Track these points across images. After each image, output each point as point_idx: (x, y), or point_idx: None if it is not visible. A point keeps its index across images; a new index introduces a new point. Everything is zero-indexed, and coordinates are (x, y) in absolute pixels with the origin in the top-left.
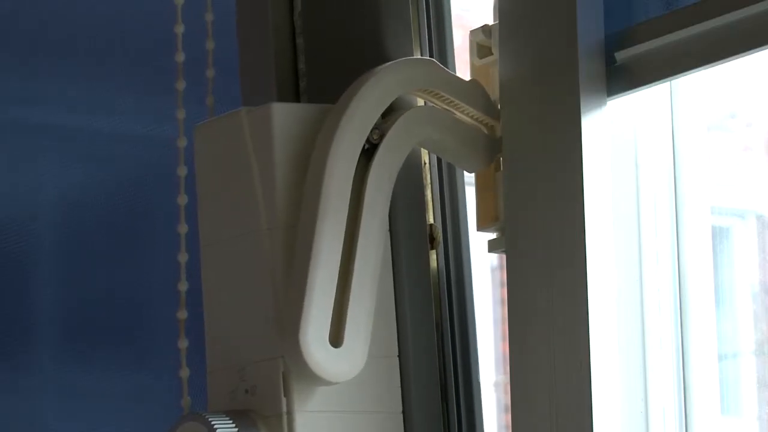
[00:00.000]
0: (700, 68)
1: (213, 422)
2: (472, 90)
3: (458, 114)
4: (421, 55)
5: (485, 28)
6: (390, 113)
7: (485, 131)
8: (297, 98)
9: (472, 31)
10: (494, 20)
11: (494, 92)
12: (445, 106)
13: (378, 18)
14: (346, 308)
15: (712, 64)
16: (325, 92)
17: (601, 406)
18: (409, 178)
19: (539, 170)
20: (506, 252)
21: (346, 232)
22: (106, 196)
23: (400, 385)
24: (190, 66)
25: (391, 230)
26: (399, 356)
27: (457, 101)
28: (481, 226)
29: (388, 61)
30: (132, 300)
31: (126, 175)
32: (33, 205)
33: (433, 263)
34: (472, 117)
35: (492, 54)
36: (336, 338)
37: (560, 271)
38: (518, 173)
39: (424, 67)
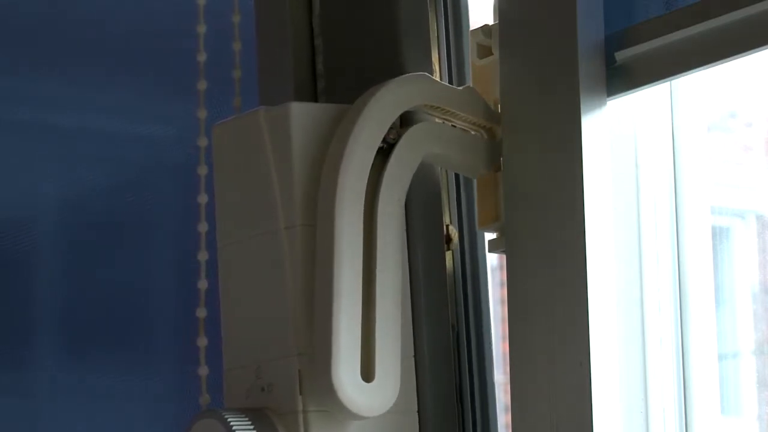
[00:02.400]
0: (700, 68)
1: (229, 419)
2: (468, 97)
3: (458, 123)
4: (439, 59)
5: (485, 28)
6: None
7: (485, 136)
8: (315, 99)
9: (472, 31)
10: (494, 20)
11: (494, 92)
12: (446, 117)
13: (396, 20)
14: (374, 332)
15: (712, 64)
16: (342, 93)
17: (601, 406)
18: (425, 180)
19: (539, 170)
20: (506, 252)
21: (363, 237)
22: (108, 197)
23: (415, 384)
24: (192, 66)
25: (407, 231)
26: (414, 356)
27: (454, 111)
28: (482, 226)
29: (405, 63)
30: (135, 300)
31: (127, 175)
32: (34, 205)
33: (449, 264)
34: (471, 123)
35: (492, 54)
36: (367, 371)
37: (560, 271)
38: (518, 173)
39: (415, 84)
